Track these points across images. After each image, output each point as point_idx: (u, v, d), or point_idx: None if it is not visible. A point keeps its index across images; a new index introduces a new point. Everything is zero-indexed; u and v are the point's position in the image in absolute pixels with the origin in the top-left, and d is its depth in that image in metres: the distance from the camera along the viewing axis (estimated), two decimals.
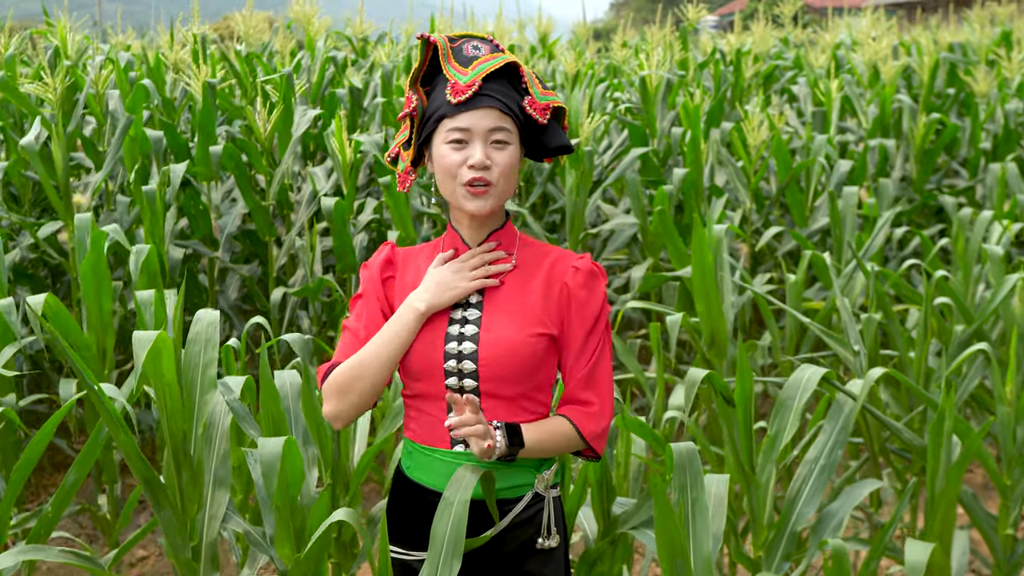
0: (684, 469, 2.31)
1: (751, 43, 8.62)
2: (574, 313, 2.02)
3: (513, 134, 1.98)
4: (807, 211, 5.84)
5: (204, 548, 2.85)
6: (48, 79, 4.90)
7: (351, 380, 1.97)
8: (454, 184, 1.97)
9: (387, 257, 2.09)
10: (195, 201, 5.07)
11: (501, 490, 2.01)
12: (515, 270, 2.05)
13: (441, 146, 1.97)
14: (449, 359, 1.98)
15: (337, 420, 2.01)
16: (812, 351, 4.58)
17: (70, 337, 3.67)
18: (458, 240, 2.06)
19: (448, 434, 1.98)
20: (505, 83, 1.99)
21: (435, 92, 2.01)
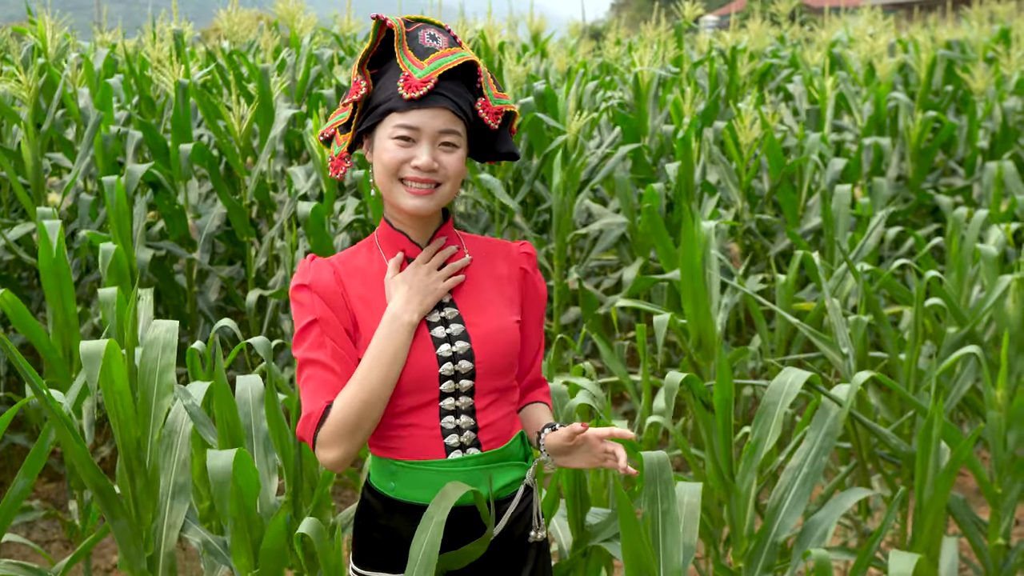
0: (655, 479, 2.20)
1: (747, 41, 8.51)
2: (531, 297, 2.04)
3: (462, 137, 1.89)
4: (800, 210, 5.72)
5: (162, 558, 2.74)
6: (22, 77, 4.80)
7: (360, 418, 1.82)
8: (393, 181, 1.87)
9: (333, 272, 1.92)
10: (169, 201, 4.96)
11: (500, 489, 1.94)
12: (471, 262, 1.99)
13: (386, 140, 1.86)
14: (444, 363, 1.88)
15: (344, 464, 1.85)
16: (802, 353, 4.46)
17: (34, 338, 3.56)
18: (404, 241, 1.94)
19: (442, 442, 1.89)
20: (460, 82, 1.89)
21: (385, 79, 1.88)
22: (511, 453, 1.96)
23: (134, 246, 4.64)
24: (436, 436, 1.89)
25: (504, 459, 1.94)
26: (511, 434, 1.96)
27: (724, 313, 4.65)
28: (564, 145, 5.41)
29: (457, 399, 1.90)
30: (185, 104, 4.90)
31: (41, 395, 2.43)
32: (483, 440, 1.92)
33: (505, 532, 1.94)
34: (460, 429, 1.90)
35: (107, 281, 3.90)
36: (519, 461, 1.98)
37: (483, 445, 1.92)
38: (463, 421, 1.90)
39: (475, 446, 1.91)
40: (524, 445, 2.00)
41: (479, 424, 1.91)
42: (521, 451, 1.99)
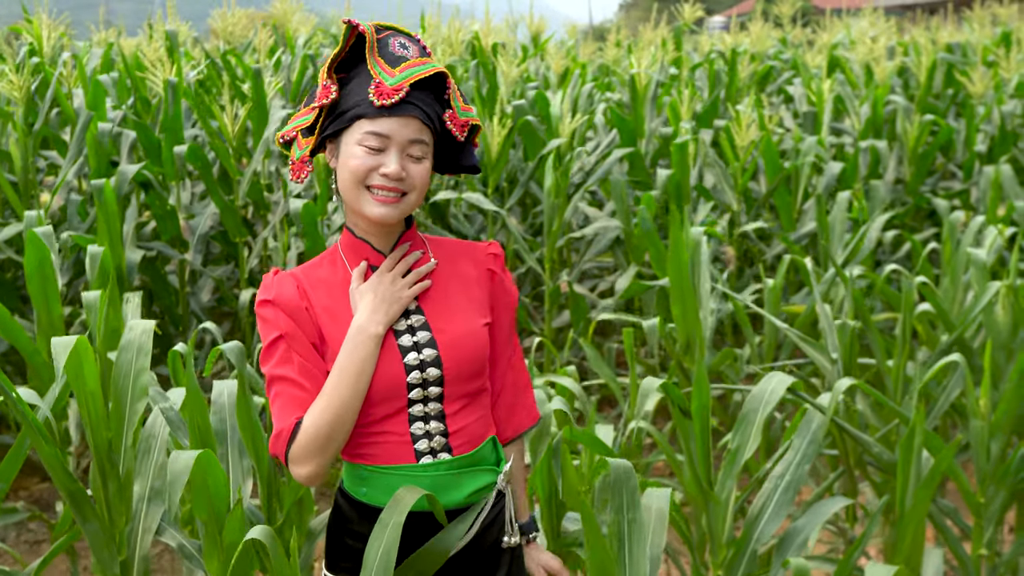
0: (621, 488, 2.17)
1: (748, 43, 8.48)
2: (501, 297, 2.02)
3: (430, 147, 1.88)
4: (795, 214, 5.69)
5: (136, 562, 2.73)
6: (14, 77, 4.80)
7: (331, 432, 1.80)
8: (359, 188, 1.84)
9: (296, 285, 1.89)
10: (160, 202, 4.95)
11: (471, 495, 1.92)
12: (437, 266, 1.96)
13: (353, 146, 1.83)
14: (412, 371, 1.86)
15: (317, 478, 1.83)
16: (791, 358, 4.43)
17: (17, 341, 3.55)
18: (367, 249, 1.92)
19: (412, 448, 1.87)
20: (429, 93, 1.87)
21: (353, 85, 1.85)
22: (482, 458, 1.94)
23: (124, 247, 4.64)
24: (407, 442, 1.88)
25: (475, 464, 1.93)
26: (483, 438, 1.94)
27: (714, 318, 4.63)
28: (558, 148, 5.39)
29: (426, 405, 1.88)
30: (176, 104, 4.89)
31: (10, 397, 2.41)
32: (454, 445, 1.90)
33: (477, 538, 1.93)
34: (430, 435, 1.88)
35: (93, 283, 3.88)
36: (490, 466, 1.96)
37: (454, 450, 1.90)
38: (433, 427, 1.88)
39: (446, 451, 1.89)
40: (496, 450, 1.99)
41: (449, 429, 1.89)
42: (493, 456, 1.97)
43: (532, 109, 5.85)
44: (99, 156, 4.79)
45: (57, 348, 2.43)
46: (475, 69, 6.34)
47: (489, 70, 6.27)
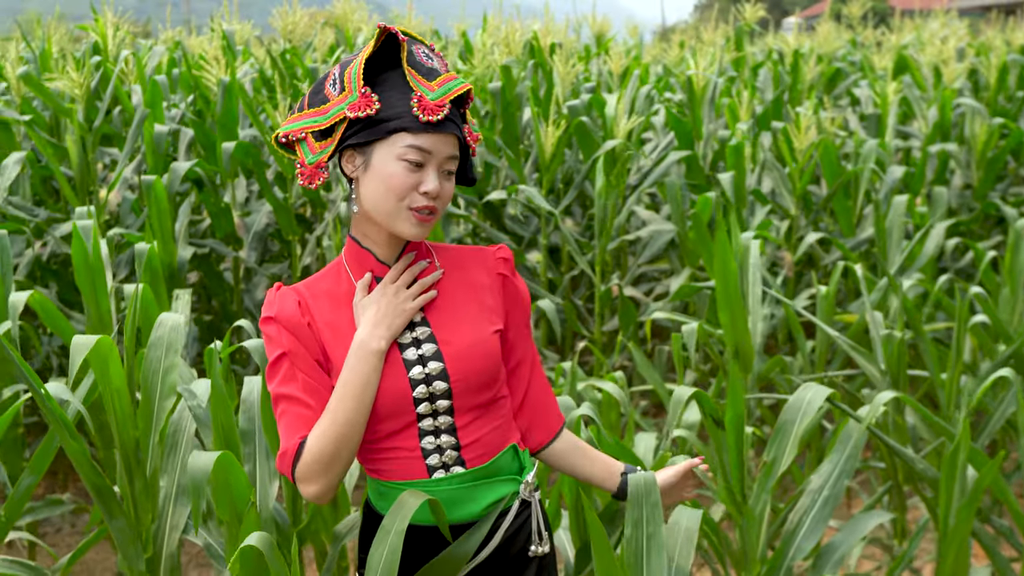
0: (640, 502, 2.11)
1: (815, 44, 8.31)
2: (514, 302, 1.97)
3: (457, 163, 1.85)
4: (855, 219, 5.54)
5: (164, 559, 2.74)
6: (74, 74, 4.89)
7: (335, 450, 1.77)
8: (397, 206, 1.78)
9: (298, 302, 1.84)
10: (215, 199, 5.00)
11: (489, 506, 1.88)
12: (444, 275, 1.91)
13: (392, 161, 1.77)
14: (417, 386, 1.82)
15: (326, 496, 1.81)
16: (844, 368, 4.31)
17: (65, 336, 3.60)
18: (371, 260, 1.87)
19: (424, 463, 1.84)
20: (455, 108, 1.84)
21: (385, 94, 1.79)
22: (499, 468, 1.89)
23: (176, 244, 4.69)
24: (418, 457, 1.84)
25: (492, 475, 1.88)
26: (501, 447, 1.90)
27: (767, 324, 4.53)
28: (612, 150, 5.33)
29: (436, 419, 1.84)
30: (228, 102, 4.93)
31: (37, 393, 2.44)
32: (467, 458, 1.86)
33: (502, 547, 1.89)
34: (441, 449, 1.84)
35: (142, 279, 3.92)
36: (511, 475, 1.91)
37: (467, 463, 1.86)
38: (443, 440, 1.84)
39: (459, 464, 1.86)
40: (518, 458, 1.94)
41: (461, 442, 1.85)
42: (514, 464, 1.93)
43: (588, 110, 5.78)
44: (155, 154, 4.86)
45: (77, 346, 2.44)
46: (531, 69, 6.29)
47: (547, 70, 6.22)
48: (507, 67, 5.77)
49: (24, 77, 4.95)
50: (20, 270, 4.77)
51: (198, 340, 5.17)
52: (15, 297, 3.34)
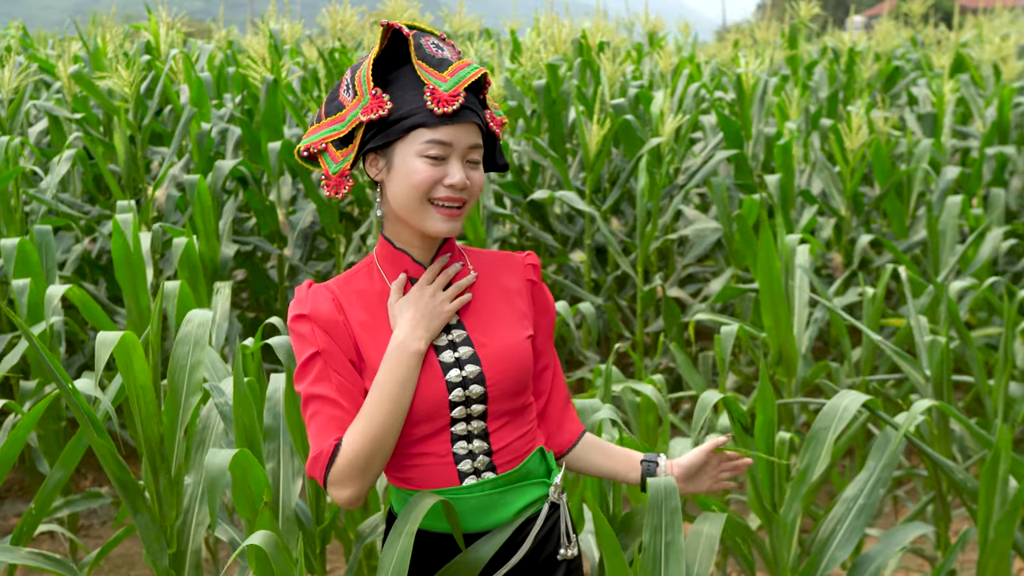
0: (658, 508, 2.05)
1: (873, 42, 8.14)
2: (541, 308, 1.95)
3: (482, 151, 1.81)
4: (908, 221, 5.41)
5: (188, 555, 2.75)
6: (125, 73, 4.95)
7: (371, 454, 1.72)
8: (422, 202, 1.75)
9: (333, 300, 1.79)
10: (259, 197, 5.03)
11: (521, 511, 1.85)
12: (477, 280, 1.88)
13: (413, 159, 1.74)
14: (454, 389, 1.79)
15: (358, 501, 1.77)
16: (890, 372, 4.20)
17: (101, 329, 3.64)
18: (407, 261, 1.83)
19: (455, 469, 1.81)
20: (472, 95, 1.80)
21: (398, 92, 1.76)
22: (529, 471, 1.87)
23: (219, 241, 4.73)
24: (449, 463, 1.81)
25: (522, 479, 1.86)
26: (528, 452, 1.87)
27: (813, 328, 4.43)
28: (657, 148, 5.26)
29: (469, 423, 1.81)
30: (273, 101, 4.96)
31: (64, 388, 2.45)
32: (498, 463, 1.83)
33: (533, 552, 1.86)
34: (473, 454, 1.82)
35: (180, 274, 3.96)
36: (540, 479, 1.89)
37: (498, 468, 1.83)
38: (476, 445, 1.82)
39: (490, 470, 1.83)
40: (545, 461, 1.91)
41: (493, 447, 1.83)
42: (542, 468, 1.90)
43: (634, 109, 5.72)
44: (201, 152, 4.90)
45: (102, 343, 2.45)
46: (578, 68, 6.25)
47: (594, 69, 6.17)
48: (552, 65, 5.73)
49: (75, 75, 5.03)
50: (68, 266, 4.84)
51: (241, 336, 5.21)
52: (52, 290, 3.38)
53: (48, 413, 3.83)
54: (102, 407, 2.77)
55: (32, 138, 5.28)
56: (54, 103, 5.51)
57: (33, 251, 3.78)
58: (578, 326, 5.55)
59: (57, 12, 46.49)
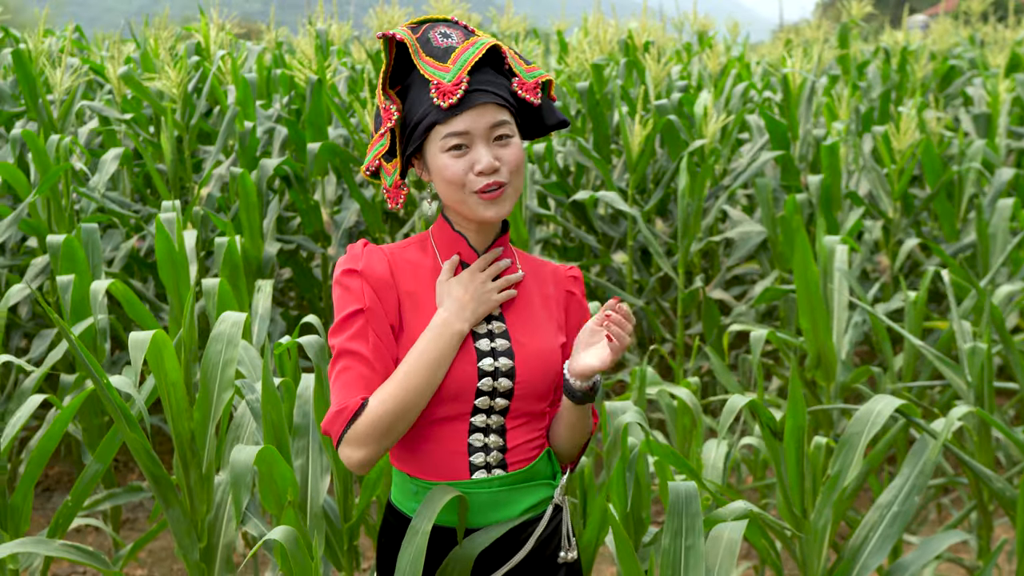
0: (679, 512, 2.05)
1: (928, 41, 8.00)
2: (576, 319, 1.94)
3: (512, 124, 1.81)
4: (958, 223, 5.30)
5: (220, 549, 2.79)
6: (173, 74, 5.03)
7: (394, 420, 1.73)
8: (463, 194, 1.78)
9: (387, 261, 1.81)
10: (304, 196, 5.08)
11: (527, 510, 1.86)
12: (523, 279, 1.90)
13: (439, 155, 1.77)
14: (484, 377, 1.80)
15: (367, 466, 1.77)
16: (933, 378, 4.13)
17: (144, 326, 3.70)
18: (463, 244, 1.86)
19: (467, 460, 1.82)
20: (489, 70, 1.80)
21: (413, 95, 1.80)
22: (537, 472, 1.87)
23: (263, 239, 4.78)
24: (462, 453, 1.82)
25: (530, 479, 1.86)
26: (536, 456, 1.87)
27: (855, 332, 4.37)
28: (701, 149, 5.22)
29: (489, 416, 1.82)
30: (316, 101, 5.01)
31: (99, 383, 2.50)
32: (510, 461, 1.84)
33: (534, 552, 1.86)
34: (488, 448, 1.82)
35: (221, 273, 4.01)
36: (546, 480, 1.89)
37: (509, 467, 1.84)
38: (492, 440, 1.83)
39: (500, 467, 1.83)
40: (552, 463, 1.91)
41: (508, 445, 1.83)
42: (548, 469, 1.90)
43: (679, 109, 5.68)
44: (245, 151, 4.96)
45: (135, 342, 2.49)
46: (623, 68, 6.22)
47: (640, 69, 6.14)
48: (597, 66, 5.71)
49: (124, 77, 5.12)
50: (117, 263, 4.93)
51: (286, 335, 5.26)
52: (96, 285, 3.45)
53: (92, 408, 3.90)
54: (136, 403, 2.81)
55: (83, 138, 5.38)
56: (105, 104, 5.61)
57: (79, 248, 3.85)
58: None
59: (120, 14, 47.32)
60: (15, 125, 5.47)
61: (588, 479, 2.58)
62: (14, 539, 2.57)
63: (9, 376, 4.44)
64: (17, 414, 2.83)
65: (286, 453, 2.55)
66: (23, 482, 2.72)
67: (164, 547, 4.41)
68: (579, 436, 1.91)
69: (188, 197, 5.16)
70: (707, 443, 3.16)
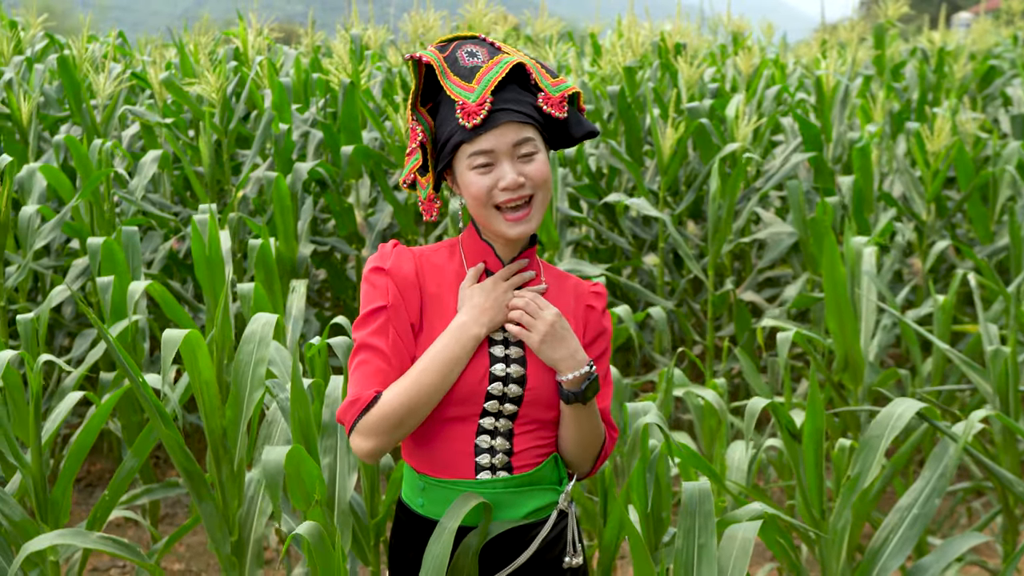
0: (693, 511, 2.09)
1: (968, 41, 7.94)
2: (593, 333, 1.99)
3: (538, 140, 1.87)
4: (992, 225, 5.28)
5: (251, 544, 2.87)
6: (212, 78, 5.14)
7: (405, 415, 1.81)
8: (489, 210, 1.85)
9: (414, 263, 1.89)
10: (338, 199, 5.16)
11: (531, 513, 1.91)
12: (545, 293, 1.96)
13: (466, 173, 1.84)
14: (494, 382, 1.87)
15: (377, 457, 1.86)
16: (961, 382, 4.12)
17: (181, 326, 3.80)
18: (490, 253, 1.93)
19: (473, 461, 1.88)
20: (515, 87, 1.86)
21: (443, 113, 1.87)
22: (542, 477, 1.92)
23: (297, 241, 4.87)
24: (468, 453, 1.88)
25: (534, 483, 1.91)
26: (542, 460, 1.92)
27: (884, 335, 4.37)
28: (733, 152, 5.24)
29: (497, 420, 1.88)
30: (349, 105, 5.09)
31: (134, 381, 2.59)
32: (515, 465, 1.90)
33: (537, 557, 1.91)
34: (494, 450, 1.88)
35: (256, 274, 4.10)
36: (551, 485, 1.94)
37: (514, 469, 1.90)
38: (498, 443, 1.88)
39: (505, 469, 1.89)
40: (557, 469, 1.96)
41: (514, 449, 1.89)
42: (554, 475, 1.95)
43: (711, 112, 5.70)
44: (280, 154, 5.06)
45: (167, 340, 2.57)
46: (655, 71, 6.24)
47: (672, 72, 6.16)
48: (629, 69, 5.74)
49: (165, 82, 5.23)
50: (156, 264, 5.04)
51: (320, 335, 5.34)
52: (134, 286, 3.54)
53: (131, 406, 4.01)
54: (170, 400, 2.90)
55: (125, 142, 5.51)
56: (146, 108, 5.73)
57: (119, 250, 3.96)
58: (651, 329, 5.55)
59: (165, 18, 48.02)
60: (60, 130, 5.62)
61: (609, 480, 2.63)
62: (53, 531, 2.66)
63: (52, 375, 4.56)
64: (57, 410, 2.93)
65: (314, 451, 2.62)
66: (63, 476, 2.82)
67: (201, 542, 4.51)
68: (583, 440, 1.93)
69: (226, 199, 5.26)
70: (732, 444, 3.19)
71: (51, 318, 4.85)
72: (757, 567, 4.06)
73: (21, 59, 5.80)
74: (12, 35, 6.21)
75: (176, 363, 5.05)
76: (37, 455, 2.80)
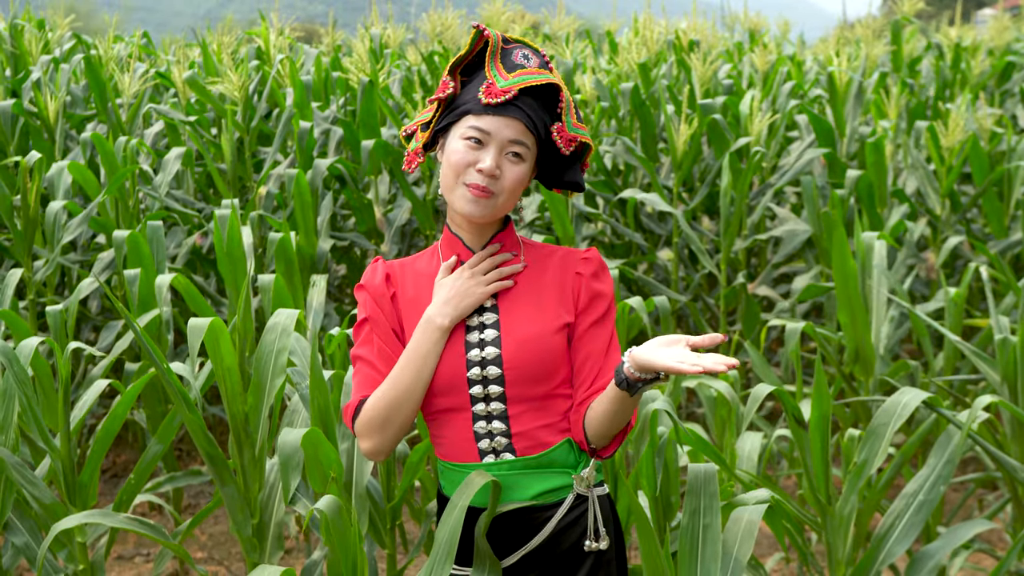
0: (698, 492, 2.15)
1: (985, 36, 7.94)
2: (588, 302, 2.00)
3: (531, 152, 1.94)
4: (1007, 220, 5.31)
5: (272, 527, 2.95)
6: (234, 77, 5.24)
7: (388, 413, 1.93)
8: (456, 181, 1.92)
9: (385, 273, 2.01)
10: (357, 195, 5.25)
11: (539, 495, 1.95)
12: (525, 269, 2.01)
13: (456, 140, 1.92)
14: (472, 367, 1.94)
15: (379, 454, 1.97)
16: (972, 373, 4.16)
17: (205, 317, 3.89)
18: (459, 245, 2.00)
19: (476, 446, 1.96)
20: (540, 103, 1.94)
21: (470, 85, 1.95)
22: (553, 460, 1.95)
23: (317, 236, 4.96)
24: (469, 439, 1.96)
25: (543, 466, 1.95)
26: (553, 443, 1.95)
27: (892, 327, 4.41)
28: (746, 147, 5.29)
29: (488, 404, 1.94)
30: (368, 102, 5.18)
31: (160, 368, 2.68)
32: (517, 447, 1.95)
33: (552, 540, 1.95)
34: (492, 434, 1.95)
35: (277, 268, 4.19)
36: (565, 468, 1.96)
37: (518, 451, 1.95)
38: (495, 427, 1.94)
39: (508, 451, 1.95)
40: (574, 452, 1.98)
41: (512, 430, 1.94)
42: (569, 458, 1.97)
43: (724, 109, 5.75)
44: (302, 151, 5.15)
45: (192, 329, 2.66)
46: (669, 68, 6.30)
47: (687, 68, 6.21)
48: (643, 65, 5.80)
49: (189, 81, 5.34)
50: (180, 259, 5.15)
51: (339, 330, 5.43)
52: (160, 280, 3.65)
53: (156, 396, 4.11)
54: (193, 387, 2.99)
55: (149, 140, 5.61)
56: (170, 107, 5.84)
57: (144, 243, 4.06)
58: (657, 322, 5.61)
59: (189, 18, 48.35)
60: (86, 128, 5.74)
61: (619, 465, 2.70)
62: (82, 511, 2.75)
63: (79, 365, 4.66)
64: (84, 398, 3.03)
65: (332, 437, 2.70)
66: (90, 461, 2.91)
67: (223, 531, 4.61)
68: (613, 419, 1.91)
69: (248, 195, 5.36)
70: (744, 435, 3.25)
71: (78, 311, 4.96)
72: (767, 557, 4.11)
73: (48, 59, 5.92)
74: (41, 35, 6.33)
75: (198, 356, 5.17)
76: (66, 440, 2.89)
